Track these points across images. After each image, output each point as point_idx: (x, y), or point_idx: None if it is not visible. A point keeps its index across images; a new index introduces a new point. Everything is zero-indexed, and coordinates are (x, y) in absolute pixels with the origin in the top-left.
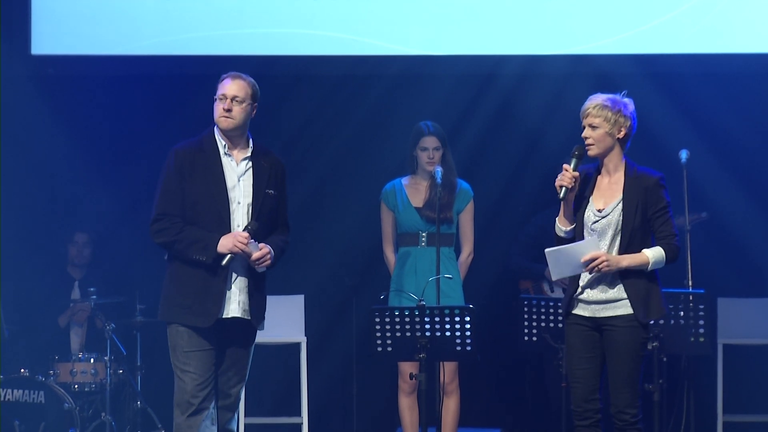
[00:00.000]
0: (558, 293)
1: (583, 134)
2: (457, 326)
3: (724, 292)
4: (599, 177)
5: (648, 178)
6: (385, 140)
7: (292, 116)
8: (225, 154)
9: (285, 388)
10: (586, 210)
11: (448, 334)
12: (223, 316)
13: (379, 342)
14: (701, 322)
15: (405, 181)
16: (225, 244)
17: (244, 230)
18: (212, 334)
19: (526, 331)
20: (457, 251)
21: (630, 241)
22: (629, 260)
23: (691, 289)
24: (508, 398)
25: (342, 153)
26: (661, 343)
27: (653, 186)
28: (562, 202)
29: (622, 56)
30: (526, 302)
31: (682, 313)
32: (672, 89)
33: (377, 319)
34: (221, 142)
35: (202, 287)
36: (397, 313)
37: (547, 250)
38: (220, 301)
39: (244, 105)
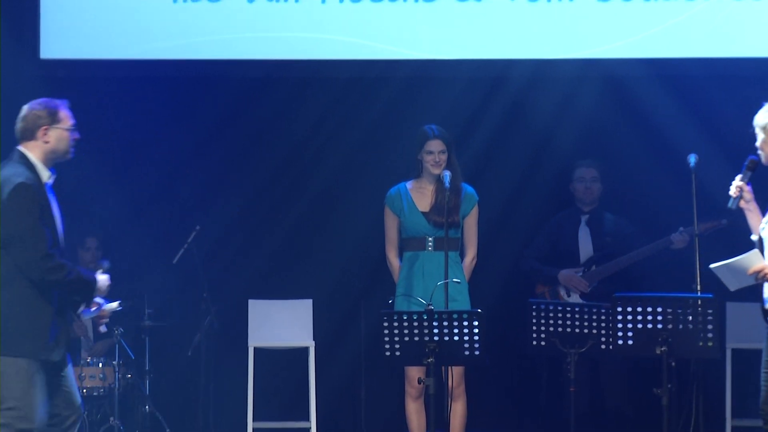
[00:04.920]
0: (575, 298)
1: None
2: (466, 330)
3: (733, 297)
4: None
5: None
6: (394, 144)
7: (301, 120)
8: (45, 182)
9: (293, 393)
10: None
11: (456, 338)
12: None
13: (387, 346)
14: (710, 327)
15: (409, 185)
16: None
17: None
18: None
19: (534, 335)
20: (461, 255)
21: None
22: None
23: (699, 294)
24: (516, 402)
25: (351, 157)
26: (669, 348)
27: None
28: (744, 210)
29: (632, 60)
30: (534, 306)
31: (690, 317)
32: (681, 93)
33: (386, 324)
34: (41, 168)
35: (53, 317)
36: (405, 318)
37: (711, 266)
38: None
39: None
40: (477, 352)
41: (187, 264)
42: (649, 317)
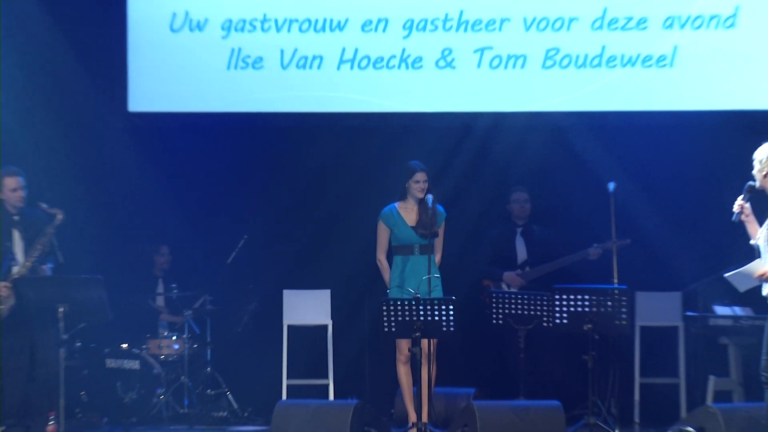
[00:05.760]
0: (512, 289)
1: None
2: (444, 313)
3: (641, 287)
4: None
5: None
6: (391, 175)
7: (320, 156)
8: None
9: (316, 358)
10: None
11: (437, 318)
12: None
13: (385, 324)
14: (623, 310)
15: (397, 205)
16: None
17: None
18: None
19: (494, 316)
20: None
21: None
22: None
23: (616, 285)
24: (479, 366)
25: (357, 183)
26: (594, 325)
27: None
28: (745, 222)
29: (569, 113)
30: (494, 295)
31: (609, 303)
32: (606, 137)
33: (384, 308)
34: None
35: None
36: (399, 303)
37: (725, 275)
38: None
39: None
40: (452, 329)
41: (238, 263)
42: (579, 302)
